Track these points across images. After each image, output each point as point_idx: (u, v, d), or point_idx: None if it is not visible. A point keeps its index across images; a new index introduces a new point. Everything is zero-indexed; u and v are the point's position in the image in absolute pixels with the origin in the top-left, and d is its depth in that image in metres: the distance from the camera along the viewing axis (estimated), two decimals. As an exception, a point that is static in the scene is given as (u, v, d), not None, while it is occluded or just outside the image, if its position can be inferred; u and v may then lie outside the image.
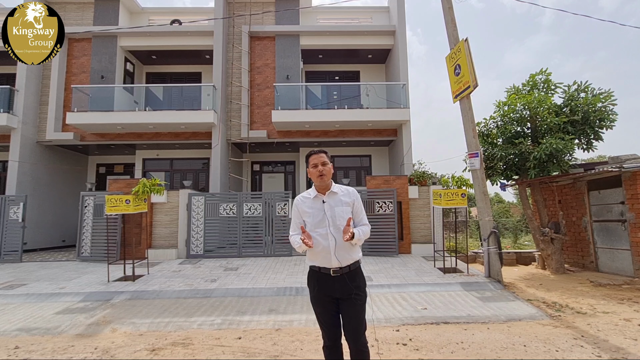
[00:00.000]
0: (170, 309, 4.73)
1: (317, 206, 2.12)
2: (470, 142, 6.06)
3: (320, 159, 2.12)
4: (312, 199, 2.16)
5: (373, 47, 11.85)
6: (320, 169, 2.10)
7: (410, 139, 10.68)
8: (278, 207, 8.29)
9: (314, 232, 2.07)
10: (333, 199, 2.13)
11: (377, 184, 8.37)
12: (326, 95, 11.86)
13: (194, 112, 10.27)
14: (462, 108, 6.14)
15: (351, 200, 2.15)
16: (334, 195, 2.14)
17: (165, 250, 7.98)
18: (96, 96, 10.64)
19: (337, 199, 2.13)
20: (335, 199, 2.13)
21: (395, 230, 7.82)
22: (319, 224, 2.09)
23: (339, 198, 2.13)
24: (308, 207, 2.15)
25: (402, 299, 4.94)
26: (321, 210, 2.10)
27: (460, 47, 5.98)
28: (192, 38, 11.37)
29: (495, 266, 5.75)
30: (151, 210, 8.16)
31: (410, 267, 6.76)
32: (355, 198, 2.17)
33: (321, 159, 2.12)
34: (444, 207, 6.19)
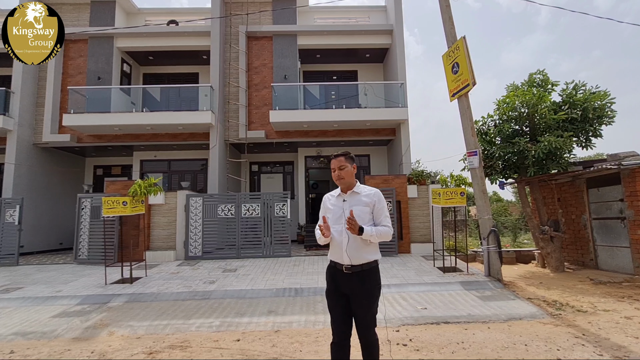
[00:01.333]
0: (168, 311, 4.68)
1: (338, 204, 2.25)
2: (469, 140, 6.04)
3: (338, 163, 2.24)
4: (335, 197, 2.30)
5: (371, 46, 11.83)
6: (337, 174, 2.24)
7: (408, 139, 10.65)
8: (277, 207, 8.24)
9: (332, 228, 2.18)
10: (354, 198, 2.23)
11: (376, 183, 8.32)
12: (324, 95, 11.84)
13: (192, 113, 10.22)
14: (461, 106, 6.12)
15: (371, 201, 2.22)
16: (355, 195, 2.24)
17: (164, 252, 7.92)
18: (93, 98, 10.59)
19: (357, 198, 2.22)
20: (356, 198, 2.23)
21: (394, 230, 7.79)
22: (337, 220, 2.21)
23: (360, 198, 2.22)
24: (331, 204, 2.29)
25: (402, 299, 4.91)
26: (340, 208, 2.22)
27: (459, 45, 5.96)
28: (189, 38, 11.32)
29: (495, 265, 5.73)
30: (149, 212, 8.10)
31: (410, 267, 6.74)
32: (377, 200, 2.23)
33: (339, 163, 2.24)
34: (443, 206, 6.17)
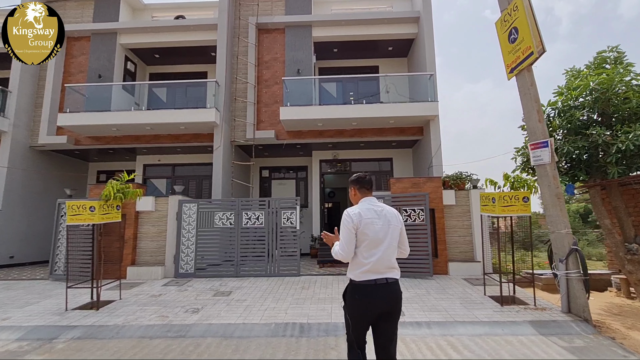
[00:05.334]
0: (126, 355, 3.42)
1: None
2: (534, 128, 4.53)
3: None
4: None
5: (394, 37, 10.52)
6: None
7: (439, 137, 9.15)
8: (284, 216, 6.92)
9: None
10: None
11: (404, 187, 6.84)
12: (342, 94, 10.61)
13: (194, 111, 9.20)
14: (521, 84, 4.65)
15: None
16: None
17: (151, 268, 6.69)
18: (93, 97, 9.80)
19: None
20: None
21: (428, 245, 6.24)
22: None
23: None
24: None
25: (450, 348, 3.41)
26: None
27: (517, 4, 4.53)
28: (196, 33, 10.44)
29: (579, 298, 4.11)
30: (136, 220, 6.96)
31: (452, 295, 5.19)
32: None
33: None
34: (498, 215, 4.63)
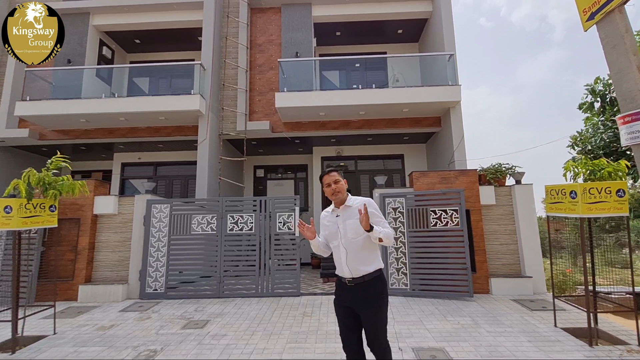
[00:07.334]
0: None
1: (333, 220, 2.28)
2: (631, 91, 3.18)
3: (332, 178, 2.26)
4: (330, 213, 2.33)
5: (405, 16, 9.24)
6: (333, 188, 2.24)
7: (461, 128, 7.81)
8: (280, 220, 5.54)
9: (330, 244, 2.29)
10: (347, 212, 2.23)
11: (431, 183, 5.47)
12: (345, 84, 9.40)
13: (175, 98, 7.84)
14: (608, 33, 3.29)
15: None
16: (348, 209, 2.24)
17: (109, 286, 5.24)
18: (61, 84, 8.49)
19: (350, 212, 2.22)
20: (349, 212, 2.22)
21: (466, 256, 4.85)
22: (333, 236, 2.26)
23: (352, 211, 2.21)
24: (327, 221, 2.33)
25: None
26: (335, 224, 2.25)
27: None
28: (180, 12, 9.13)
29: None
30: (93, 225, 5.56)
31: (511, 326, 3.80)
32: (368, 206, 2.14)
33: (332, 178, 2.26)
34: (581, 215, 3.26)
